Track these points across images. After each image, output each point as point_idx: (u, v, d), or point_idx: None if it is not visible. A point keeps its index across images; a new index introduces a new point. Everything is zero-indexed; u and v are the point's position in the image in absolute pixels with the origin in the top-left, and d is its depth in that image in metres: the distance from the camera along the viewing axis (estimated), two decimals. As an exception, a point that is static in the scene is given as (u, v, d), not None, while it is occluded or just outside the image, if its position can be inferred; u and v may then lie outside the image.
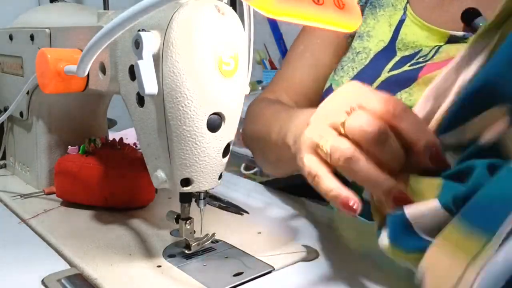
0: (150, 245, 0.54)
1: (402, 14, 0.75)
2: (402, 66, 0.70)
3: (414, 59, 0.71)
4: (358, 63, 0.74)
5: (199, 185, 0.46)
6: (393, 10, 0.76)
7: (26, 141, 0.73)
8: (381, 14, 0.76)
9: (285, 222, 0.63)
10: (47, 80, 0.53)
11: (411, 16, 0.74)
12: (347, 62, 0.76)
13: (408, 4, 0.75)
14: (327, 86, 0.76)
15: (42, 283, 0.47)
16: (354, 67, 0.74)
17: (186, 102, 0.42)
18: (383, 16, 0.76)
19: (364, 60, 0.74)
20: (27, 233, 0.58)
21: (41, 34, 0.64)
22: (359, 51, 0.76)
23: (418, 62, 0.69)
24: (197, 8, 0.42)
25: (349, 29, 0.41)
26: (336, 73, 0.77)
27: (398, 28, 0.74)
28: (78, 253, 0.51)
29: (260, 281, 0.48)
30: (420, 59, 0.70)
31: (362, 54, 0.75)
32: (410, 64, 0.69)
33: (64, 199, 0.66)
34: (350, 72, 0.74)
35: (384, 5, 0.77)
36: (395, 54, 0.72)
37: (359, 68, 0.73)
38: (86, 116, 0.73)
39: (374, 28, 0.76)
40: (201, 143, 0.44)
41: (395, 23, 0.74)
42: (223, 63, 0.43)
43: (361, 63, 0.74)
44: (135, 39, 0.42)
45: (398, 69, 0.70)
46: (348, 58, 0.76)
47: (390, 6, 0.76)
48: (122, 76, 0.49)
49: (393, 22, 0.74)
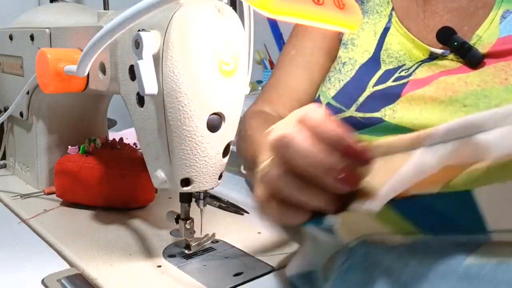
0: (150, 245, 0.54)
1: (387, 22, 0.75)
2: (385, 81, 0.71)
3: (397, 73, 0.72)
4: (344, 75, 0.74)
5: (199, 185, 0.46)
6: (378, 17, 0.76)
7: (26, 141, 0.73)
8: (366, 21, 0.76)
9: (285, 222, 0.63)
10: (47, 80, 0.53)
11: (396, 25, 0.74)
12: (334, 73, 0.76)
13: (394, 11, 0.75)
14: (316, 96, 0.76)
15: (42, 283, 0.47)
16: (340, 79, 0.75)
17: (186, 102, 0.42)
18: (368, 24, 0.76)
19: (350, 72, 0.74)
20: (27, 233, 0.58)
21: (41, 34, 0.64)
22: (345, 62, 0.76)
23: (401, 77, 0.70)
24: (197, 8, 0.42)
25: (349, 28, 0.41)
26: (324, 84, 0.77)
27: (383, 36, 0.74)
28: (78, 253, 0.51)
29: (260, 281, 0.48)
30: (402, 73, 0.71)
31: (348, 66, 0.75)
32: (393, 79, 0.70)
33: (64, 199, 0.66)
34: (336, 84, 0.75)
35: (368, 12, 0.77)
36: (379, 67, 0.72)
37: (345, 80, 0.74)
38: (86, 116, 0.73)
39: (359, 37, 0.76)
40: (201, 143, 0.44)
41: (380, 31, 0.74)
42: (223, 63, 0.43)
43: (347, 75, 0.74)
44: (135, 39, 0.42)
45: (382, 83, 0.71)
46: (334, 69, 0.76)
47: (375, 13, 0.76)
48: (122, 76, 0.49)
49: (377, 30, 0.75)
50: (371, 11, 0.76)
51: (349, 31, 0.62)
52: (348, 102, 0.74)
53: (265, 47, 2.22)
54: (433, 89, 0.67)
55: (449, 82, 0.66)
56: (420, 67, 0.70)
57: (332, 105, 0.75)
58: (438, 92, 0.66)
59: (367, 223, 0.39)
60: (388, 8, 0.76)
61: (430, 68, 0.69)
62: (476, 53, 0.65)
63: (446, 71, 0.68)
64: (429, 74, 0.68)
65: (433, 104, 0.66)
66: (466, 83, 0.65)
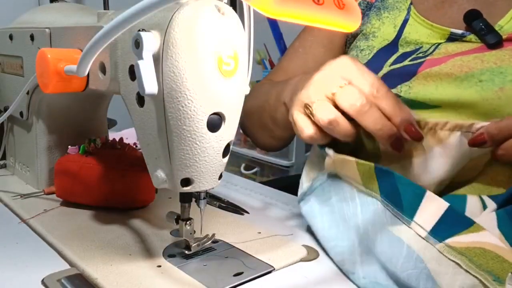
0: (150, 245, 0.54)
1: (406, 15, 0.78)
2: (403, 60, 0.73)
3: (414, 54, 0.74)
4: (362, 59, 0.79)
5: (199, 185, 0.46)
6: (398, 12, 0.80)
7: (26, 141, 0.73)
8: (386, 16, 0.80)
9: (285, 222, 0.63)
10: (47, 80, 0.53)
11: (415, 16, 0.77)
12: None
13: (412, 5, 0.78)
14: None
15: (42, 283, 0.47)
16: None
17: (186, 102, 0.42)
18: (388, 18, 0.80)
19: (368, 56, 0.78)
20: (27, 233, 0.58)
21: (41, 34, 0.64)
22: (363, 49, 0.80)
23: (418, 57, 0.72)
24: (197, 8, 0.42)
25: (349, 29, 0.41)
26: None
27: (402, 27, 0.77)
28: (78, 253, 0.51)
29: (260, 281, 0.48)
30: (420, 54, 0.73)
31: (365, 51, 0.80)
32: (410, 59, 0.72)
33: (64, 199, 0.66)
34: None
35: (388, 8, 0.80)
36: (397, 50, 0.75)
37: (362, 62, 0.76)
38: (86, 116, 0.73)
39: (380, 29, 0.80)
40: (201, 143, 0.44)
41: (400, 24, 0.78)
42: (223, 63, 0.43)
43: (365, 58, 0.78)
44: (135, 39, 0.42)
45: (399, 63, 0.73)
46: (352, 56, 0.80)
47: (395, 9, 0.80)
48: (122, 76, 0.49)
49: (397, 23, 0.79)
50: (391, 7, 0.80)
51: (349, 32, 0.63)
52: None
53: (265, 47, 2.22)
54: (449, 66, 0.68)
55: (465, 60, 0.67)
56: (438, 49, 0.71)
57: None
58: (454, 69, 0.67)
59: (349, 166, 0.49)
60: (407, 3, 0.79)
61: (447, 49, 0.70)
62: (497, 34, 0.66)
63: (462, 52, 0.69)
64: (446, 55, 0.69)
65: (448, 80, 0.67)
66: (482, 61, 0.66)
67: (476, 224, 0.43)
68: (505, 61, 0.65)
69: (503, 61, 0.65)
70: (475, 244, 0.41)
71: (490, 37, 0.67)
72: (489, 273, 0.38)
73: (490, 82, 0.64)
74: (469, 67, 0.66)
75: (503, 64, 0.65)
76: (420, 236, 0.44)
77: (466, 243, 0.42)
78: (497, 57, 0.66)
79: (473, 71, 0.66)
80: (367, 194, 0.48)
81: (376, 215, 0.47)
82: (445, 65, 0.68)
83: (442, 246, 0.42)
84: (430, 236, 0.43)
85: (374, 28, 0.79)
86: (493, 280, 0.38)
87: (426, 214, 0.44)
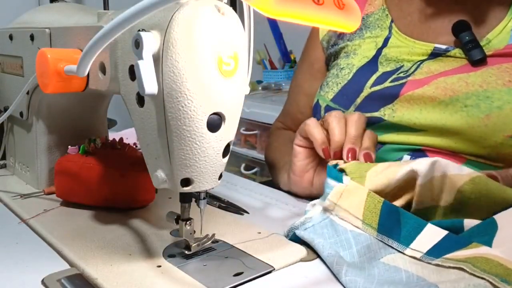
0: (150, 245, 0.54)
1: (388, 33, 0.77)
2: (383, 81, 0.73)
3: (395, 74, 0.73)
4: (342, 78, 0.79)
5: (199, 185, 0.46)
6: (380, 30, 0.79)
7: (26, 141, 0.73)
8: (368, 35, 0.79)
9: (285, 222, 0.63)
10: (47, 80, 0.53)
11: (396, 34, 0.76)
12: (331, 78, 0.80)
13: (393, 23, 0.77)
14: (315, 101, 0.85)
15: (42, 283, 0.47)
16: (338, 83, 0.78)
17: (186, 102, 0.42)
18: (370, 38, 0.79)
19: (347, 75, 0.78)
20: (27, 233, 0.58)
21: (41, 34, 0.64)
22: (343, 67, 0.80)
23: (399, 78, 0.72)
24: (197, 8, 0.42)
25: (349, 29, 0.41)
26: (322, 89, 0.82)
27: (383, 46, 0.76)
28: (78, 253, 0.51)
29: (260, 281, 0.48)
30: (401, 74, 0.72)
31: (345, 70, 0.80)
32: (391, 79, 0.72)
33: (64, 199, 0.66)
34: (334, 87, 0.78)
35: (370, 27, 0.80)
36: (376, 69, 0.75)
37: (342, 83, 0.78)
38: (86, 116, 0.73)
39: (361, 47, 0.79)
40: (201, 143, 0.44)
41: (381, 42, 0.77)
42: (223, 63, 0.43)
43: (345, 78, 0.78)
44: (135, 39, 0.42)
45: (379, 84, 0.73)
46: (332, 74, 0.81)
47: (376, 27, 0.80)
48: (122, 76, 0.49)
49: (379, 42, 0.78)
50: (373, 25, 0.79)
51: (349, 32, 0.63)
52: (347, 103, 0.76)
53: (265, 47, 2.22)
54: (432, 88, 0.67)
55: (448, 82, 0.66)
56: (419, 68, 0.70)
57: (331, 107, 0.77)
58: (438, 92, 0.66)
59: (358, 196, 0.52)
60: (388, 21, 0.77)
61: (429, 68, 0.69)
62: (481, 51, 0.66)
63: (445, 71, 0.68)
64: (428, 75, 0.69)
65: (432, 104, 0.66)
66: (467, 83, 0.65)
67: (475, 243, 0.43)
68: (491, 83, 0.64)
69: (489, 84, 0.64)
70: (475, 255, 0.41)
71: (475, 52, 0.66)
72: (496, 276, 0.38)
73: (476, 108, 0.63)
74: (453, 91, 0.65)
75: (489, 87, 0.64)
76: (415, 258, 0.45)
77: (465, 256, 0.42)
78: (483, 79, 0.65)
79: (458, 95, 0.65)
80: (361, 231, 0.50)
81: (370, 246, 0.48)
82: (428, 87, 0.68)
83: (440, 260, 0.43)
84: (426, 256, 0.44)
85: (355, 46, 0.79)
86: (501, 281, 0.38)
87: (423, 240, 0.45)
